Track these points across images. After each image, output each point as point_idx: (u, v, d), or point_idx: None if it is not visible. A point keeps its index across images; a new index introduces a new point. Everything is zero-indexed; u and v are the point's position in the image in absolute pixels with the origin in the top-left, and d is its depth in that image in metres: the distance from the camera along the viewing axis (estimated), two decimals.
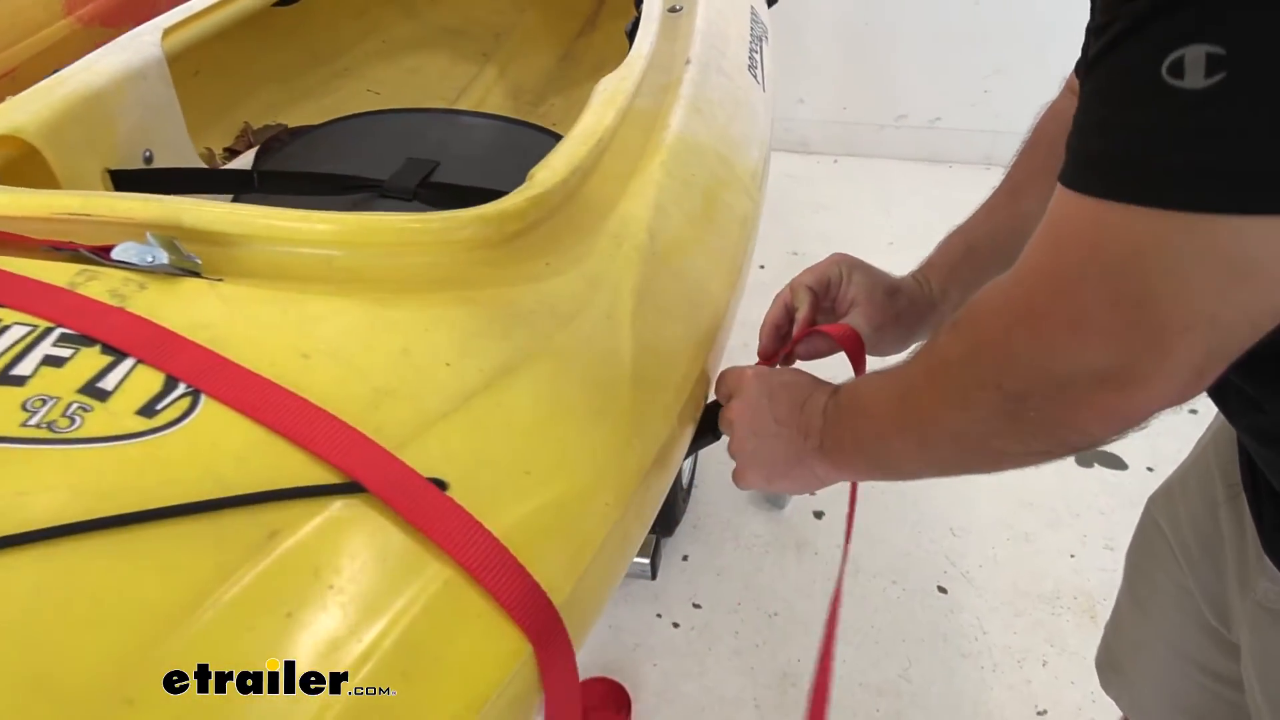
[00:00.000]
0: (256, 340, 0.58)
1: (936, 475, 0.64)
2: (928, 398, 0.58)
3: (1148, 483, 1.87)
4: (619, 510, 0.62)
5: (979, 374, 0.52)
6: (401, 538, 0.52)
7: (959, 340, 0.55)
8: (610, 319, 0.70)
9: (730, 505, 1.84)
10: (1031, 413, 0.49)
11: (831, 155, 3.08)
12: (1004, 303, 0.51)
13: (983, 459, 0.58)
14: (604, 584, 0.62)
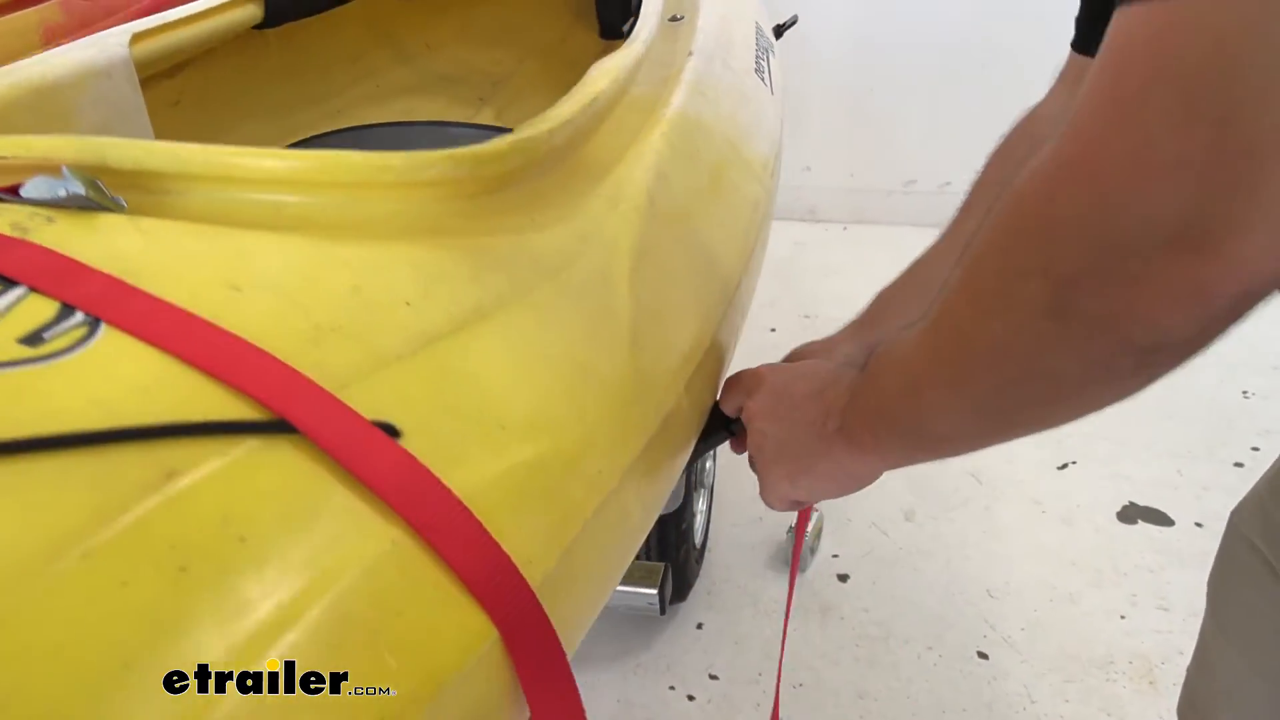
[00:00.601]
0: (177, 273, 0.48)
1: (977, 437, 0.51)
2: (961, 312, 0.47)
3: (1197, 540, 1.75)
4: (614, 479, 0.51)
5: (1019, 260, 0.41)
6: (337, 488, 0.41)
7: (995, 225, 0.44)
8: (605, 277, 0.60)
9: (747, 570, 1.71)
10: (1085, 302, 0.39)
11: (840, 223, 3.03)
12: (1049, 161, 0.40)
13: (1032, 391, 0.45)
14: (598, 570, 0.51)
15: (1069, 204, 0.38)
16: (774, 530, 1.77)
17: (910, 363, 0.53)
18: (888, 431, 0.57)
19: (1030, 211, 0.41)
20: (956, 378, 0.49)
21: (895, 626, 1.58)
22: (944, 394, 0.50)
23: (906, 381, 0.53)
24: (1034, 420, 0.48)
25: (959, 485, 1.88)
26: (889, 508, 1.83)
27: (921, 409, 0.53)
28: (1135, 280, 0.37)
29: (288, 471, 0.41)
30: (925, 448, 0.56)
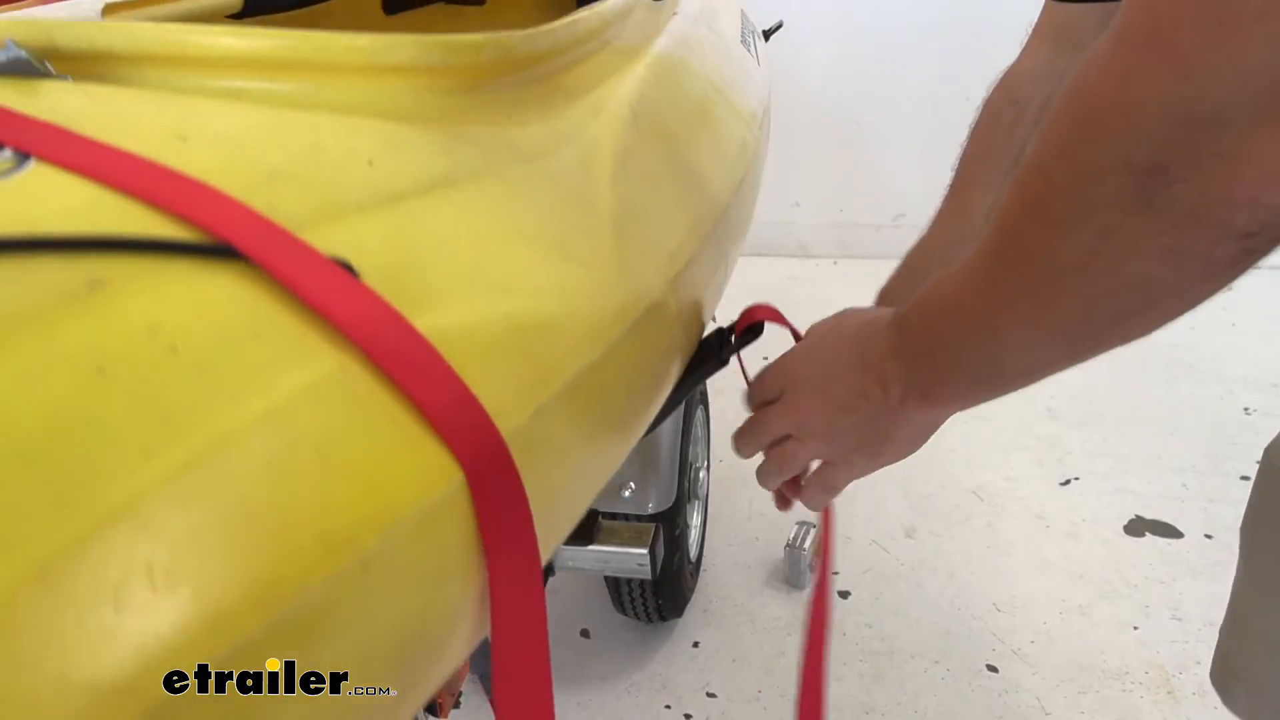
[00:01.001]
0: (119, 125, 0.45)
1: (1064, 361, 0.47)
2: (1028, 233, 0.42)
3: (1208, 551, 1.69)
4: (596, 351, 0.47)
5: (1092, 158, 0.37)
6: (284, 313, 0.37)
7: (1059, 126, 0.40)
8: (585, 171, 0.57)
9: (744, 589, 1.64)
10: (1176, 187, 0.35)
11: (831, 258, 3.02)
12: (1112, 45, 0.36)
13: (1124, 303, 0.41)
14: (577, 450, 0.47)
15: (1145, 82, 0.34)
16: (771, 549, 1.71)
17: (975, 303, 0.48)
18: (966, 381, 0.53)
19: (1097, 101, 0.37)
20: (1038, 307, 0.44)
21: (900, 642, 1.51)
22: (1025, 327, 0.46)
23: (978, 324, 0.49)
24: (1125, 334, 0.44)
25: (960, 502, 1.82)
26: (889, 525, 1.77)
27: (1002, 348, 0.49)
28: (1232, 157, 0.33)
29: (229, 293, 0.37)
30: (1008, 384, 0.52)
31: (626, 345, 0.50)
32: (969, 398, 0.54)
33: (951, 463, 1.93)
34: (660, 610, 1.44)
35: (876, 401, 0.57)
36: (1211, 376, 2.16)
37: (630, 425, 0.54)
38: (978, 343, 0.50)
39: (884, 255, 3.18)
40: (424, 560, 0.36)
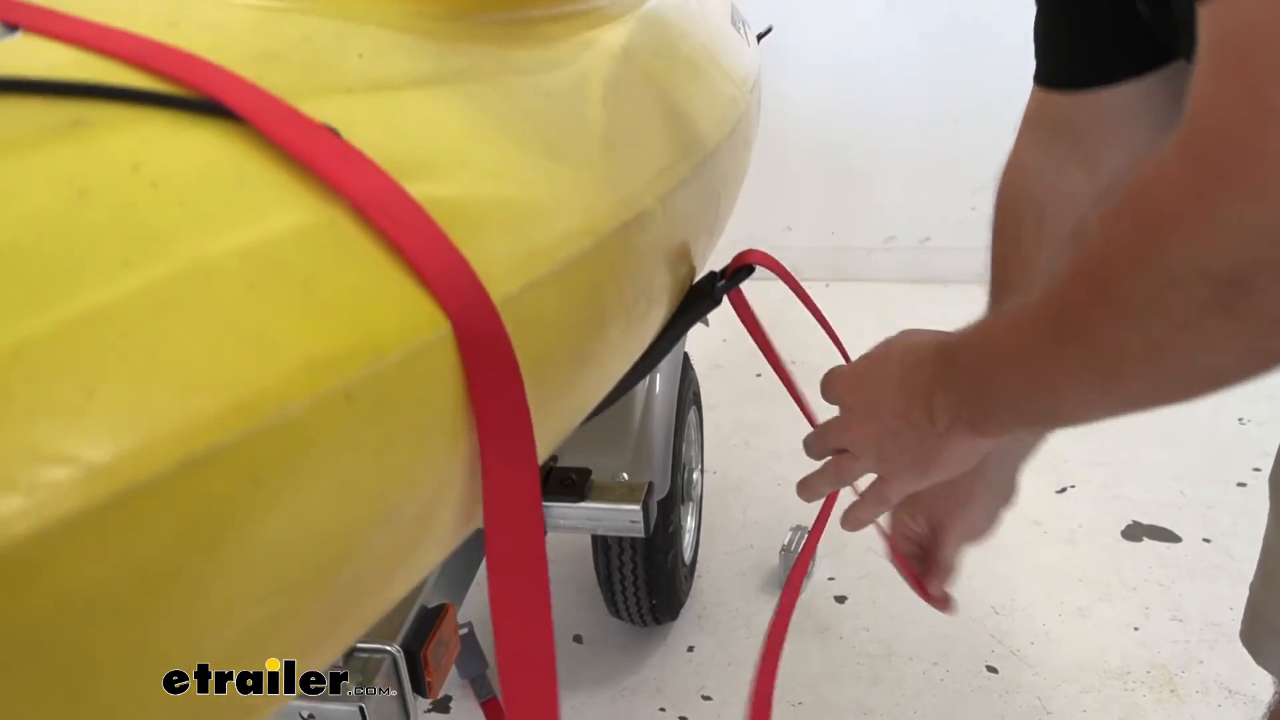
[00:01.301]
0: (111, 11, 0.45)
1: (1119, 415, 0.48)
2: (1102, 319, 0.43)
3: (1207, 554, 1.68)
4: (587, 241, 0.46)
5: (1169, 265, 0.38)
6: (270, 164, 0.36)
7: (1124, 231, 0.40)
8: (576, 92, 0.57)
9: (739, 594, 1.62)
10: (1256, 297, 0.36)
11: (823, 280, 3.03)
12: (1183, 156, 0.37)
13: (1192, 383, 0.42)
14: (569, 336, 0.46)
15: (1224, 203, 0.35)
16: (766, 555, 1.69)
17: (1032, 362, 0.49)
18: (1016, 421, 0.55)
19: (1171, 215, 0.37)
20: (1101, 380, 0.45)
21: (897, 645, 1.49)
22: (1087, 394, 0.47)
23: (1034, 381, 0.50)
24: (1184, 400, 0.44)
25: None
26: None
27: (1059, 404, 0.50)
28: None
29: (214, 142, 0.36)
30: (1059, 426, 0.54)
31: (618, 244, 0.49)
32: (1015, 430, 0.57)
33: None
34: (655, 612, 1.42)
35: (923, 428, 0.58)
36: None
37: (624, 331, 0.53)
38: (1031, 394, 0.51)
39: (875, 278, 3.20)
40: (410, 404, 0.35)
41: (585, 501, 0.76)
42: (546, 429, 0.48)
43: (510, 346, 0.38)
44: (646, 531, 0.76)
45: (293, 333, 0.32)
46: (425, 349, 0.35)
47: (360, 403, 0.33)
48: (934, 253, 2.97)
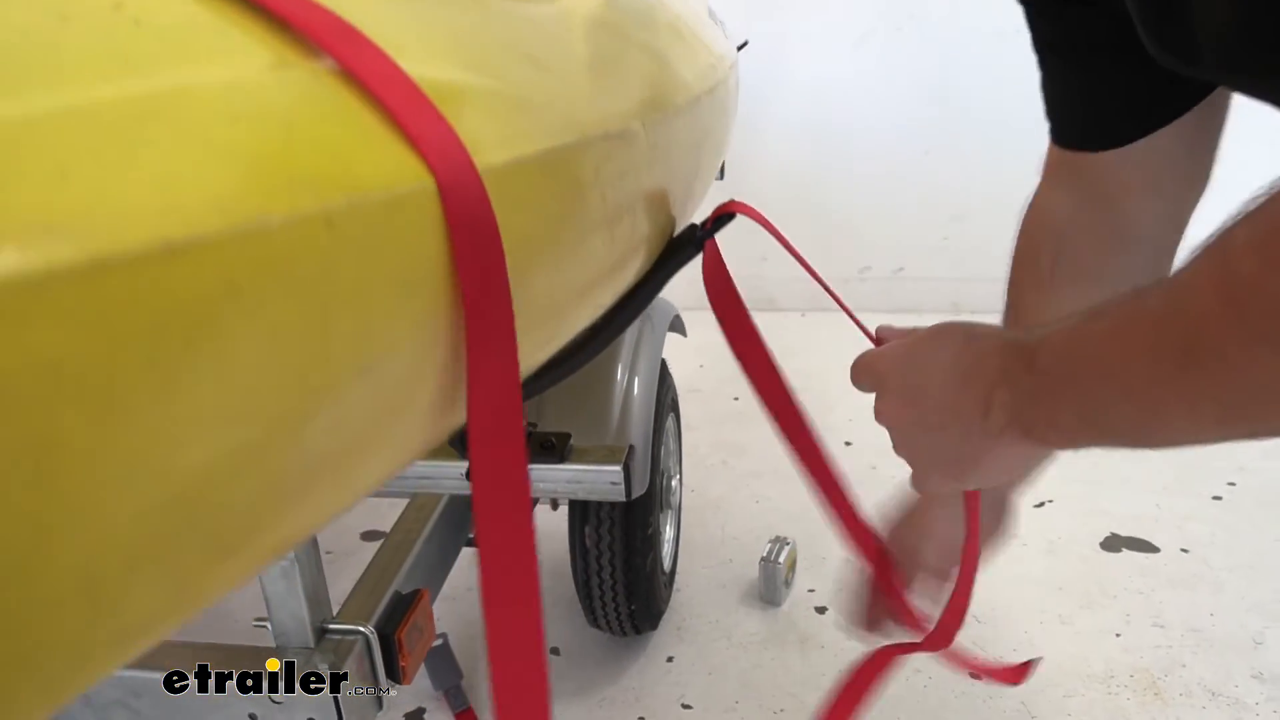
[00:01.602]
0: None
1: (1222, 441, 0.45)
2: (1237, 343, 0.39)
3: (1185, 564, 1.68)
4: (571, 136, 0.46)
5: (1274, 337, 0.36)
6: (257, 19, 0.36)
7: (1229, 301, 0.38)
8: (559, 23, 0.57)
9: (719, 605, 1.60)
10: None
11: (799, 310, 3.05)
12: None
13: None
14: (554, 228, 0.45)
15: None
16: (745, 569, 1.67)
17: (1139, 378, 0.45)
18: (1091, 435, 0.50)
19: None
20: (1228, 414, 0.42)
21: None
22: (1199, 420, 0.43)
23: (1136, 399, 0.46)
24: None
25: None
26: None
27: (1158, 426, 0.46)
28: None
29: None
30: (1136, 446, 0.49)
31: (602, 149, 0.49)
32: (1080, 445, 0.51)
33: None
34: (634, 619, 1.40)
35: (971, 424, 0.54)
36: None
37: (607, 247, 0.53)
38: (1128, 412, 0.47)
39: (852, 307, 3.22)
40: (391, 250, 0.34)
41: (566, 464, 0.74)
42: (528, 334, 0.47)
43: (493, 214, 0.38)
44: (628, 494, 0.74)
45: (274, 156, 0.31)
46: (409, 197, 0.35)
47: (341, 232, 0.32)
48: (908, 282, 3.00)
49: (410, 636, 0.89)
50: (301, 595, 0.82)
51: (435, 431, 0.44)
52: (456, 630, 1.49)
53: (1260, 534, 1.72)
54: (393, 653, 0.88)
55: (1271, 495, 1.84)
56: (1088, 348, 0.48)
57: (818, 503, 0.76)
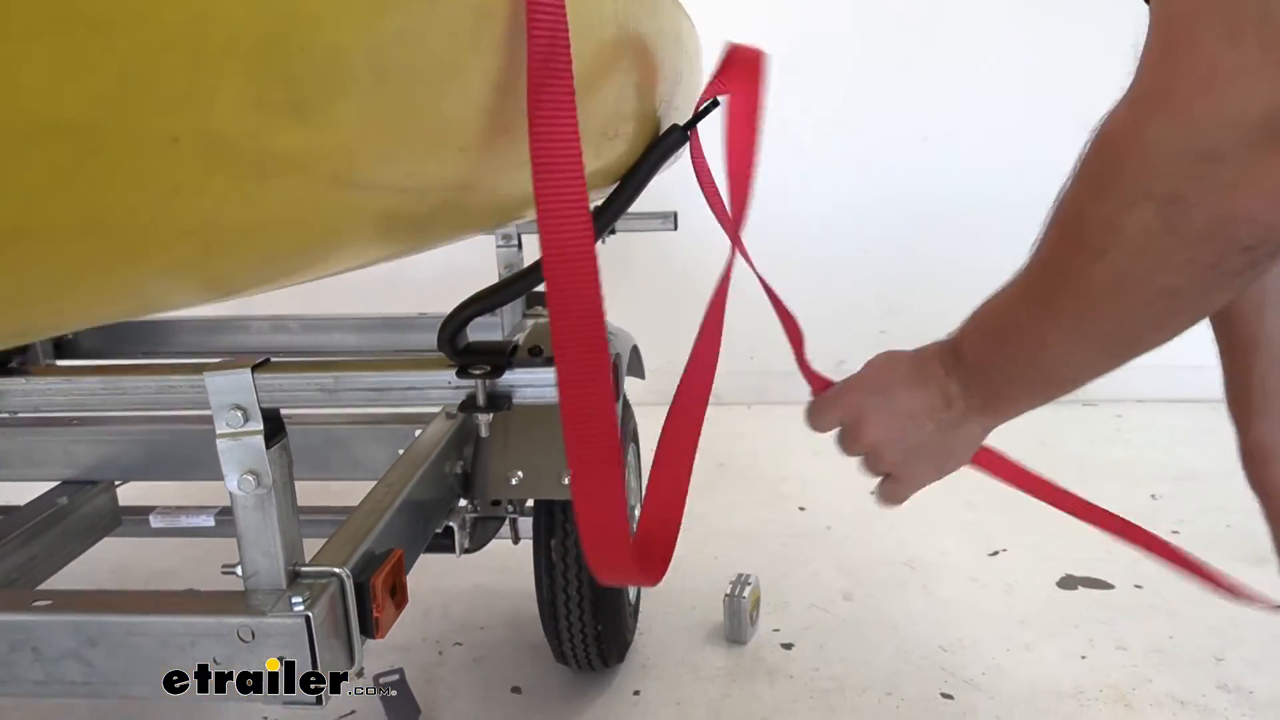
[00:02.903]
0: None
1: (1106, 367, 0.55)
2: (1069, 259, 0.51)
3: (1142, 598, 1.71)
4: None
5: (1122, 193, 0.46)
6: None
7: (1088, 172, 0.49)
8: None
9: (684, 645, 1.56)
10: (1192, 211, 0.42)
11: (745, 404, 3.09)
12: (1127, 104, 0.45)
13: (1154, 311, 0.49)
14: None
15: (1157, 131, 0.43)
16: (708, 615, 1.64)
17: (1024, 323, 0.57)
18: (1022, 392, 0.61)
19: (1122, 147, 0.45)
20: (1080, 322, 0.52)
21: (849, 680, 1.44)
22: (1070, 339, 0.54)
23: (1028, 340, 0.57)
24: (1156, 339, 0.51)
25: (893, 572, 1.80)
26: (826, 592, 1.73)
27: (1053, 361, 0.57)
28: (1232, 185, 0.41)
29: None
30: (1057, 389, 0.60)
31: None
32: (1022, 405, 0.62)
33: (881, 543, 1.92)
34: (600, 647, 1.36)
35: (940, 418, 0.64)
36: (1118, 476, 2.24)
37: (615, 95, 0.56)
38: (1028, 355, 0.58)
39: (796, 400, 3.27)
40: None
41: (553, 368, 0.75)
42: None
43: None
44: (615, 399, 0.75)
45: None
46: None
47: None
48: (848, 374, 3.07)
49: (385, 585, 0.87)
50: (276, 530, 0.79)
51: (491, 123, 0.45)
52: (412, 673, 1.42)
53: None
54: (367, 602, 0.85)
55: (1214, 540, 1.88)
56: (991, 320, 0.60)
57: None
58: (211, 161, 0.30)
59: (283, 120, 0.31)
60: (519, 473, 1.18)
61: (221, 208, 0.32)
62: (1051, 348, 0.55)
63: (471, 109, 0.43)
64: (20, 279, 0.28)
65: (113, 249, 0.29)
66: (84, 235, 0.28)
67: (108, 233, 0.28)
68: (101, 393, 0.79)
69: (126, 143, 0.26)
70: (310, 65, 0.31)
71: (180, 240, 0.32)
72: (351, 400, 0.78)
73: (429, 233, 0.52)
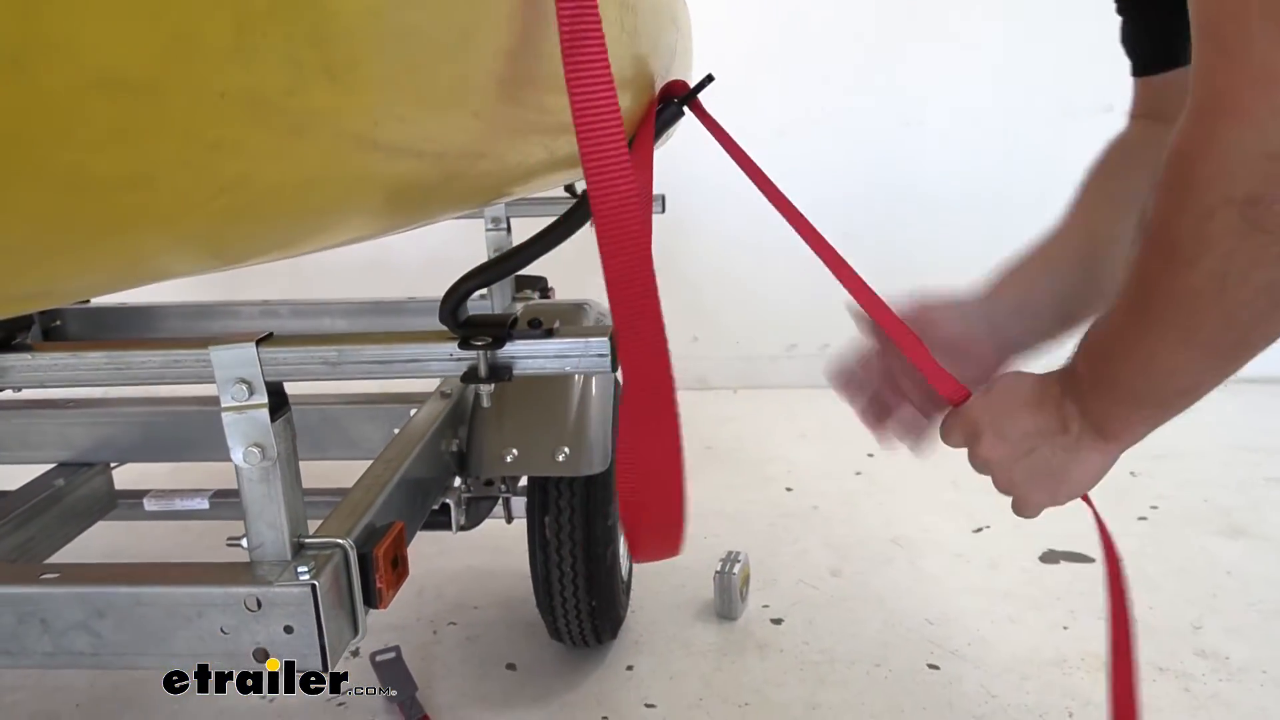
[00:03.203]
0: None
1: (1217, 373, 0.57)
2: (1165, 270, 0.52)
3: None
4: None
5: (1202, 202, 0.48)
6: None
7: (1167, 186, 0.51)
8: None
9: (675, 621, 1.59)
10: (1275, 208, 0.45)
11: (731, 388, 3.12)
12: (1192, 115, 0.48)
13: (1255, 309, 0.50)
14: None
15: (1225, 138, 0.46)
16: (699, 591, 1.66)
17: (1129, 339, 0.58)
18: (1136, 409, 0.62)
19: (1195, 158, 0.48)
20: (1185, 330, 0.54)
21: (838, 653, 1.47)
22: (1177, 349, 0.56)
23: (1135, 357, 0.58)
24: (1264, 336, 0.53)
25: (881, 549, 1.83)
26: (814, 568, 1.76)
27: (1163, 373, 0.58)
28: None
29: None
30: (1171, 406, 0.61)
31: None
32: (1140, 427, 0.63)
33: (866, 521, 1.95)
34: (595, 622, 1.38)
35: (1055, 440, 0.65)
36: None
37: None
38: (1137, 371, 0.59)
39: (781, 384, 3.30)
40: None
41: (553, 339, 0.77)
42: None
43: None
44: (614, 367, 0.77)
45: None
46: None
47: None
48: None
49: (387, 556, 0.88)
50: (281, 502, 0.81)
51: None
52: (408, 652, 1.44)
53: (1186, 544, 1.79)
54: (370, 573, 0.86)
55: (1191, 515, 1.93)
56: (1099, 339, 0.61)
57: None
58: (251, 118, 0.31)
59: (315, 80, 0.33)
60: (514, 450, 1.20)
61: (256, 166, 0.34)
62: (1159, 359, 0.57)
63: (484, 75, 0.44)
64: (69, 229, 0.29)
65: (158, 202, 0.31)
66: (134, 186, 0.29)
67: (155, 185, 0.30)
68: (106, 368, 0.80)
69: (179, 97, 0.28)
70: (340, 28, 0.33)
71: (215, 198, 0.34)
72: (354, 373, 0.79)
73: (436, 201, 0.54)
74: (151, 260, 0.37)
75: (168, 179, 0.30)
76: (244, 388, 0.78)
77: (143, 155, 0.28)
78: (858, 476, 2.18)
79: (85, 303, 1.62)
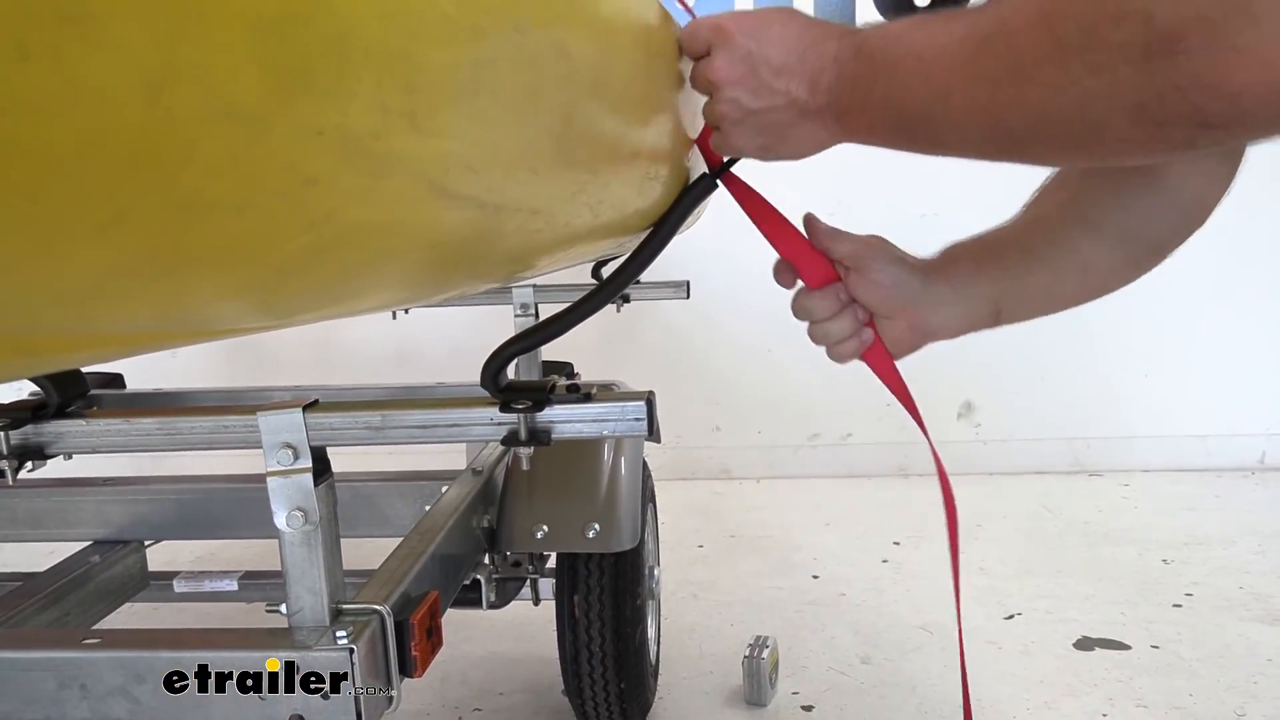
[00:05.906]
0: None
1: (978, 150, 0.51)
2: (1027, 38, 0.43)
3: (1158, 658, 1.71)
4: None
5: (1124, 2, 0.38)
6: None
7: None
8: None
9: (703, 706, 1.56)
10: (1179, 58, 0.37)
11: (753, 478, 3.11)
12: None
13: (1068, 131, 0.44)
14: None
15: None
16: (726, 678, 1.64)
17: (940, 64, 0.50)
18: (891, 123, 0.56)
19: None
20: (997, 101, 0.46)
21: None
22: (973, 108, 0.48)
23: (933, 83, 0.51)
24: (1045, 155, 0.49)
25: (910, 635, 1.80)
26: (844, 655, 1.73)
27: (942, 114, 0.51)
28: (1243, 49, 0.35)
29: None
30: (919, 143, 0.56)
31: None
32: (879, 137, 0.58)
33: (895, 608, 1.93)
34: (624, 711, 1.36)
35: (795, 97, 0.61)
36: (1126, 541, 2.25)
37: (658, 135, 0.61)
38: (922, 96, 0.52)
39: (804, 474, 3.28)
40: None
41: (591, 404, 0.79)
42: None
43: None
44: (650, 431, 0.78)
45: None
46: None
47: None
48: (856, 448, 3.10)
49: (422, 625, 0.89)
50: (321, 566, 0.82)
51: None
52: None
53: (1223, 631, 1.76)
54: (406, 640, 0.87)
55: (1226, 602, 1.89)
56: (910, 40, 0.53)
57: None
58: (342, 157, 0.34)
59: (400, 124, 0.36)
60: (544, 526, 1.21)
61: (341, 204, 0.37)
62: (950, 102, 0.49)
63: (545, 135, 0.48)
64: (178, 249, 0.32)
65: (256, 230, 0.34)
66: (239, 212, 0.32)
67: (257, 213, 0.33)
68: (157, 433, 0.83)
69: (285, 131, 0.31)
70: (426, 78, 0.36)
71: (305, 231, 0.36)
72: (398, 437, 0.81)
73: (487, 260, 0.57)
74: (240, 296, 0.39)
75: (268, 208, 0.33)
76: (290, 452, 0.80)
77: (249, 184, 0.31)
78: (884, 564, 2.15)
79: (121, 388, 1.66)
